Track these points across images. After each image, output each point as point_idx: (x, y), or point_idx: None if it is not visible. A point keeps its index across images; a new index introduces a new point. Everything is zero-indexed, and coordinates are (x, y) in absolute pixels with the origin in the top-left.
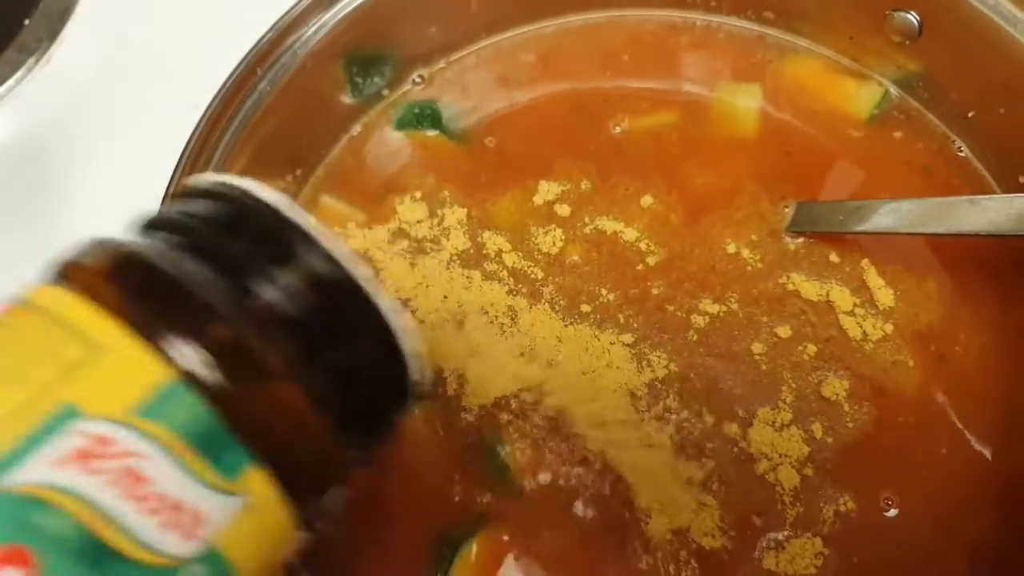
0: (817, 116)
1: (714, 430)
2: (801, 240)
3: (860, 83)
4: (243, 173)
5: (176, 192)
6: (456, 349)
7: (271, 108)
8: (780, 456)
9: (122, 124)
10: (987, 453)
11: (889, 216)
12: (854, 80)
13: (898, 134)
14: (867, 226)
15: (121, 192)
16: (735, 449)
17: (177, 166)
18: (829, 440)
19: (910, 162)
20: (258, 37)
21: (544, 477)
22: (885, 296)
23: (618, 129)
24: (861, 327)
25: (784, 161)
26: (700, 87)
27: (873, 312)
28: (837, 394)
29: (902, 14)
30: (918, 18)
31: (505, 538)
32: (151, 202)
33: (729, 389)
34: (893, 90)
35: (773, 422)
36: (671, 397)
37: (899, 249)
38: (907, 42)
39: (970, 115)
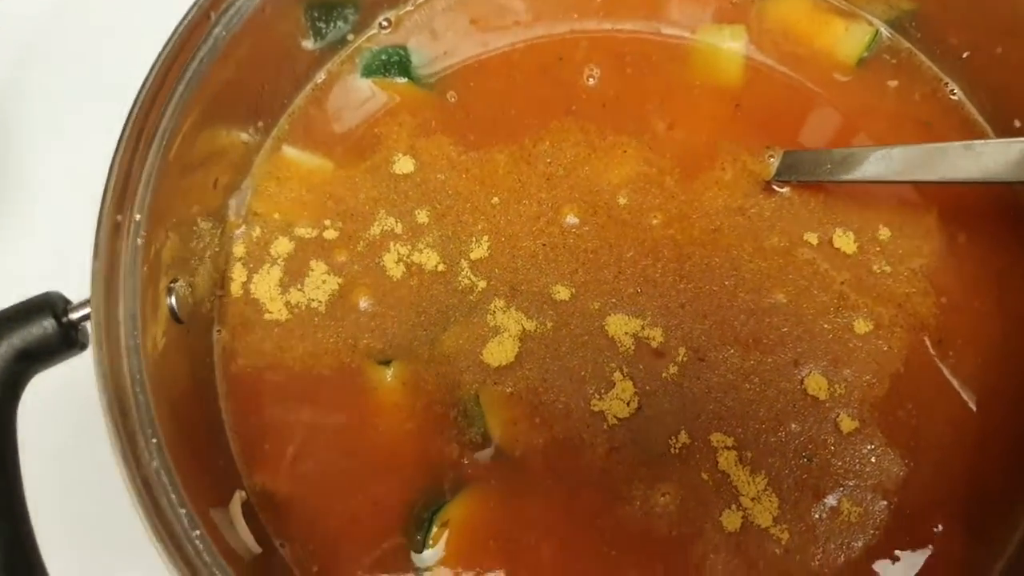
0: (804, 60)
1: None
2: (789, 190)
3: (849, 23)
4: (199, 125)
5: None
6: (439, 303)
7: (227, 55)
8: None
9: (72, 76)
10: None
11: (878, 163)
12: (843, 20)
13: (892, 82)
14: (855, 175)
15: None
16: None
17: (128, 117)
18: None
19: (903, 113)
20: None
21: (526, 435)
22: (884, 234)
23: (592, 81)
24: (871, 264)
25: (770, 108)
26: (681, 29)
27: (877, 250)
28: (867, 330)
29: None
30: None
31: (486, 500)
32: (103, 158)
33: (768, 342)
34: (884, 31)
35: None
36: (711, 351)
37: (893, 187)
38: None
39: (965, 56)
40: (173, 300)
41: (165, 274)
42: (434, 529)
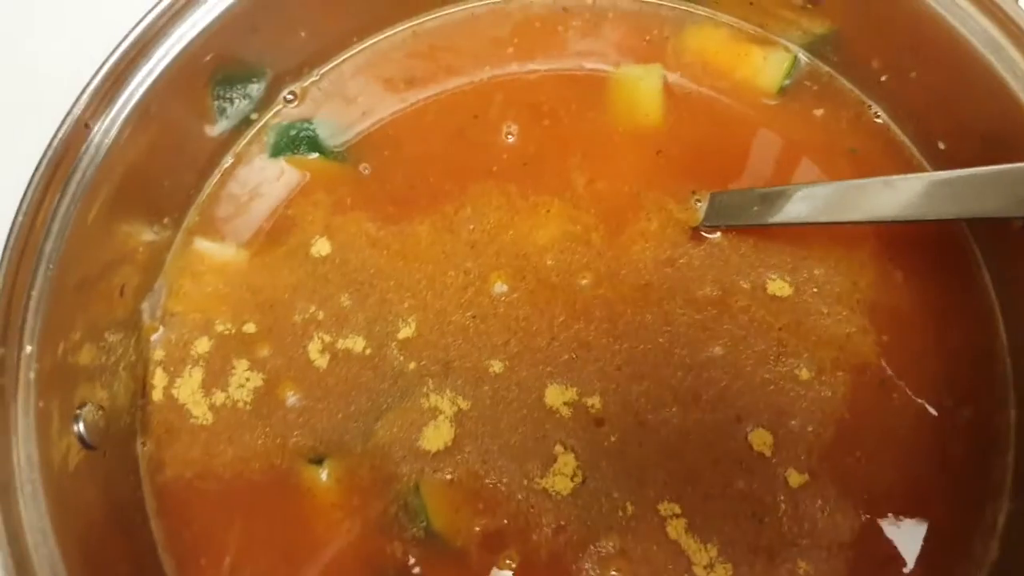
0: (726, 93)
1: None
2: (719, 235)
3: (767, 50)
4: (92, 235)
5: None
6: (369, 390)
7: (115, 161)
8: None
9: None
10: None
11: (803, 202)
12: (760, 48)
13: (818, 111)
14: (781, 217)
15: None
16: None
17: (7, 243)
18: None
19: (831, 143)
20: (81, 87)
21: (468, 522)
22: (819, 272)
23: (511, 138)
24: (809, 307)
25: (694, 149)
26: (598, 72)
27: (814, 290)
28: (809, 376)
29: None
30: None
31: None
32: None
33: (709, 398)
34: (803, 56)
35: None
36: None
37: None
38: (811, 5)
39: (883, 79)
40: (81, 427)
41: (69, 401)
42: None
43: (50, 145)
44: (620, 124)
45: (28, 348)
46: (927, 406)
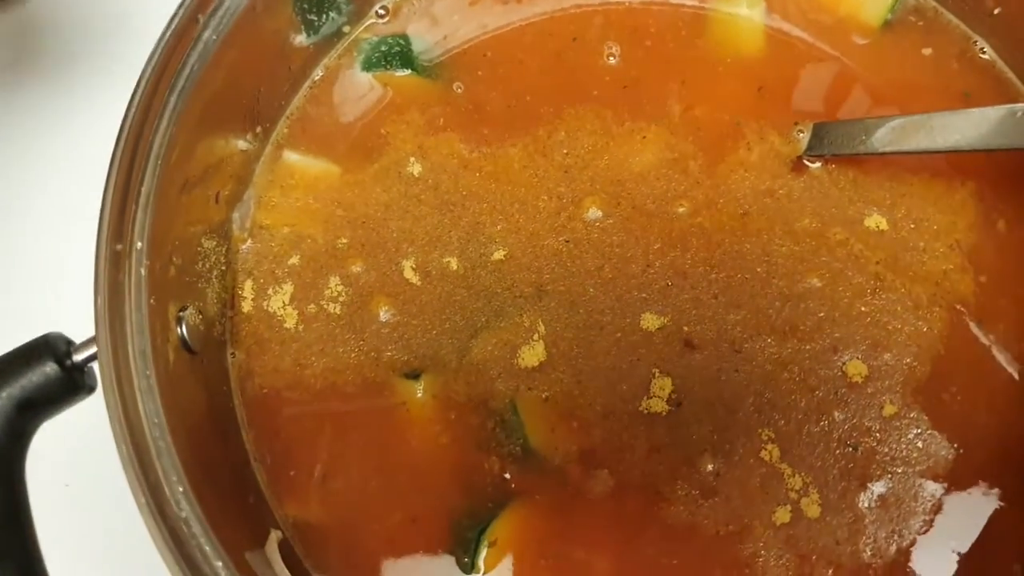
0: (829, 28)
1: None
2: (820, 164)
3: None
4: (195, 136)
5: None
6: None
7: (218, 59)
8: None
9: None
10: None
11: (910, 132)
12: None
13: (926, 50)
14: (887, 146)
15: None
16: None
17: (120, 136)
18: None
19: (945, 87)
20: None
21: (564, 441)
22: (917, 209)
23: (612, 60)
24: (906, 242)
25: (796, 81)
26: (702, 7)
27: (912, 227)
28: (906, 311)
29: None
30: None
31: (532, 516)
32: (99, 176)
33: (805, 328)
34: None
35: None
36: (747, 342)
37: (924, 157)
38: None
39: (996, 12)
40: (184, 330)
41: (173, 302)
42: (483, 550)
43: (163, 36)
44: (722, 54)
45: (139, 244)
46: (1021, 353)
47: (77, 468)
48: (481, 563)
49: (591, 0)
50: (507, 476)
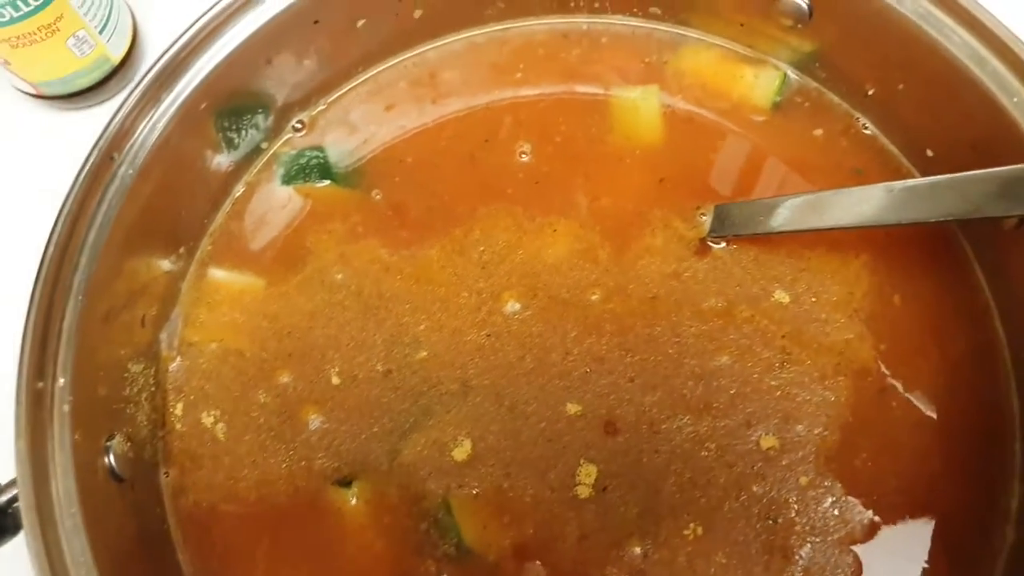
0: (725, 112)
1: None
2: (724, 245)
3: (758, 69)
4: (117, 266)
5: None
6: (391, 411)
7: (137, 191)
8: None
9: None
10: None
11: (805, 211)
12: (751, 67)
13: (817, 131)
14: (785, 224)
15: None
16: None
17: (38, 275)
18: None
19: (838, 164)
20: (106, 121)
21: (497, 536)
22: (816, 283)
23: (524, 157)
24: (809, 315)
25: (696, 163)
26: (599, 95)
27: (812, 300)
28: (813, 383)
29: None
30: (807, 1)
31: None
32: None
33: (719, 405)
34: (792, 73)
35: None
36: (664, 422)
37: (819, 232)
38: (799, 25)
39: (870, 92)
40: (112, 459)
41: (100, 433)
42: None
43: (78, 177)
44: (628, 147)
45: (61, 381)
46: (928, 407)
47: None
48: None
49: (502, 97)
50: None
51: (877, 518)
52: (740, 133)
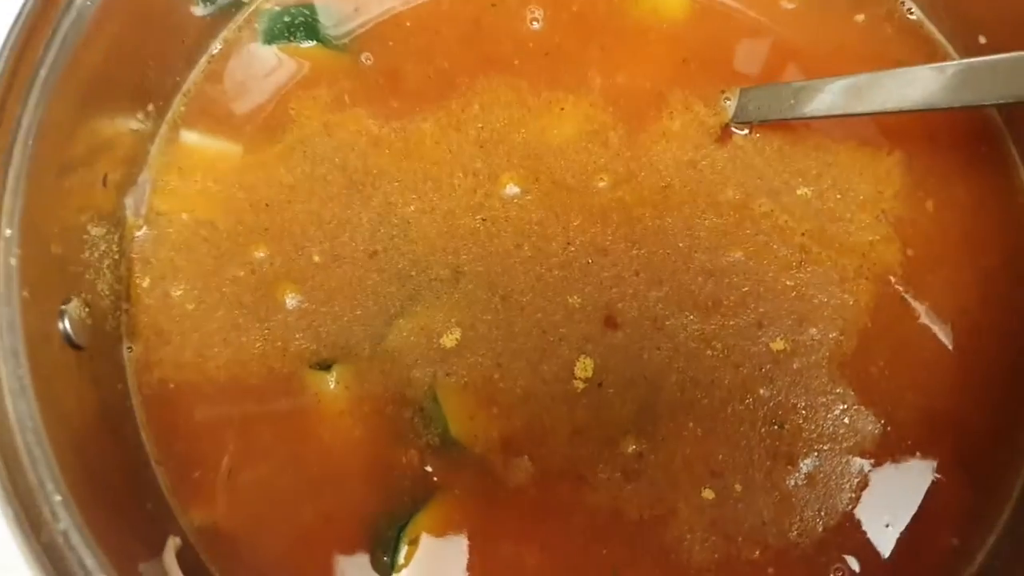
0: None
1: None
2: (746, 133)
3: None
4: (74, 113)
5: None
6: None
7: (96, 30)
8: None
9: None
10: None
11: (838, 94)
12: None
13: (859, 16)
14: (815, 109)
15: None
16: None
17: None
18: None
19: (880, 54)
20: None
21: (485, 427)
22: (843, 179)
23: (536, 25)
24: (832, 213)
25: (722, 47)
26: None
27: (838, 197)
28: (832, 283)
29: None
30: None
31: (455, 510)
32: None
33: (729, 303)
34: None
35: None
36: (669, 319)
37: (850, 125)
38: None
39: None
40: (67, 324)
41: (54, 295)
42: (403, 548)
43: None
44: (647, 18)
45: (8, 232)
46: (955, 320)
47: None
48: (401, 561)
49: None
50: (428, 469)
51: (889, 428)
52: (775, 14)
